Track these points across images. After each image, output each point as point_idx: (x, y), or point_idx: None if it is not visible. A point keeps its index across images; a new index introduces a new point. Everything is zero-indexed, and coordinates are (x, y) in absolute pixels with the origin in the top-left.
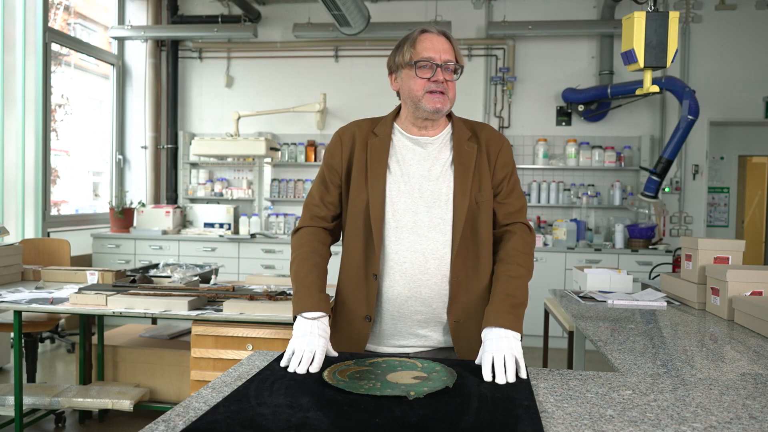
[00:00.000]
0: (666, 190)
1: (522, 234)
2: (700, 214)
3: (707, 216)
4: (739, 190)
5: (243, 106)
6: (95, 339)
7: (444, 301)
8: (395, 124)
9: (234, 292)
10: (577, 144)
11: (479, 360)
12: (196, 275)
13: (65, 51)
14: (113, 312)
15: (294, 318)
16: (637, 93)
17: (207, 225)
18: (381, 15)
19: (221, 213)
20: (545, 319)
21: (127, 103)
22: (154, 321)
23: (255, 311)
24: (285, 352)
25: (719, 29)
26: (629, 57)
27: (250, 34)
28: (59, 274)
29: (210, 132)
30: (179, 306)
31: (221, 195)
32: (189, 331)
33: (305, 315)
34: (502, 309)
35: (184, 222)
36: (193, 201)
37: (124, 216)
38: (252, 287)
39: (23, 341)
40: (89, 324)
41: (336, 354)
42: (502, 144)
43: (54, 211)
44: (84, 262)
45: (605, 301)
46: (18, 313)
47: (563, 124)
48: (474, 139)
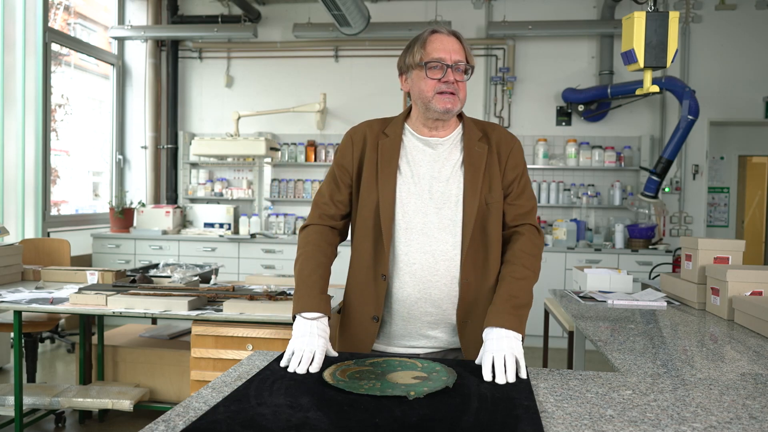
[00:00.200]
0: (666, 190)
1: (530, 236)
2: (700, 214)
3: (707, 216)
4: (739, 190)
5: (243, 106)
6: (95, 339)
7: (454, 303)
8: (406, 124)
9: (234, 292)
10: (577, 144)
11: (479, 360)
12: (196, 275)
13: (65, 51)
14: (113, 312)
15: (293, 317)
16: (637, 93)
17: (207, 225)
18: (381, 15)
19: (221, 213)
20: (545, 319)
21: (127, 103)
22: (154, 321)
23: (255, 311)
24: (285, 352)
25: (719, 29)
26: (629, 57)
27: (250, 34)
28: (59, 274)
29: (210, 132)
30: (179, 306)
31: (221, 195)
32: (189, 331)
33: (305, 315)
34: (504, 309)
35: (184, 222)
36: (193, 201)
37: (124, 216)
38: (252, 287)
39: (23, 341)
40: (89, 324)
41: (336, 354)
42: (513, 144)
43: (54, 211)
44: (84, 262)
45: (605, 301)
46: (18, 313)
47: (563, 124)
48: (485, 140)
